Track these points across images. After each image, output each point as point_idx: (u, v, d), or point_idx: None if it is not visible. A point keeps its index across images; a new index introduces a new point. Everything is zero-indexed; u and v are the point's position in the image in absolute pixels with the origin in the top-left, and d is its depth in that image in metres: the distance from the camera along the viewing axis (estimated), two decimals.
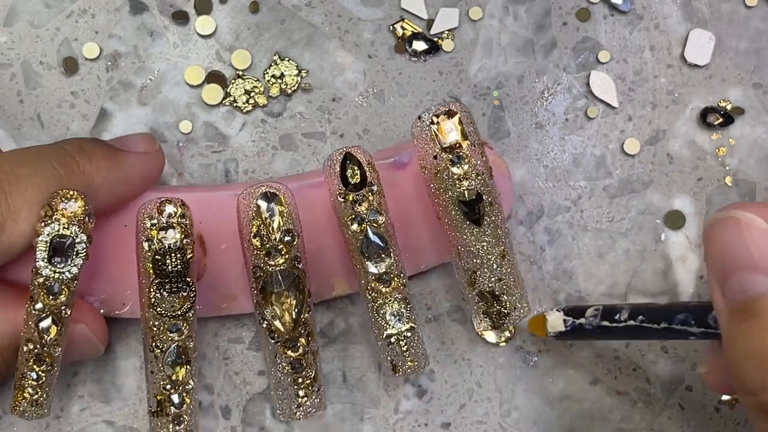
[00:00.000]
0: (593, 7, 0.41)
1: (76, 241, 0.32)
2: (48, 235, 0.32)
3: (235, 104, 0.40)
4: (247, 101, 0.40)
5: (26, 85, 0.40)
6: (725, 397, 0.40)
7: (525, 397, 0.40)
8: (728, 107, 0.41)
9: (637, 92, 0.41)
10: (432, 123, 0.34)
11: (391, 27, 0.41)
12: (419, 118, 0.35)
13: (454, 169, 0.34)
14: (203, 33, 0.40)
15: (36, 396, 0.33)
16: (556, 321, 0.37)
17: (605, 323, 0.34)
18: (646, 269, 0.40)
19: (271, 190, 0.33)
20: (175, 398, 0.34)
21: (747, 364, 0.25)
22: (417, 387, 0.40)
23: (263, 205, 0.33)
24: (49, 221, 0.32)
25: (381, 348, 0.35)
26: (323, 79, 0.40)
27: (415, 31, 0.41)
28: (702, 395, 0.40)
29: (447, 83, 0.41)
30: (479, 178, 0.34)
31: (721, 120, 0.41)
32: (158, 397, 0.34)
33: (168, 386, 0.34)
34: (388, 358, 0.35)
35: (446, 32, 0.41)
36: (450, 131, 0.34)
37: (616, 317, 0.34)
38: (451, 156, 0.34)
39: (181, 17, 0.40)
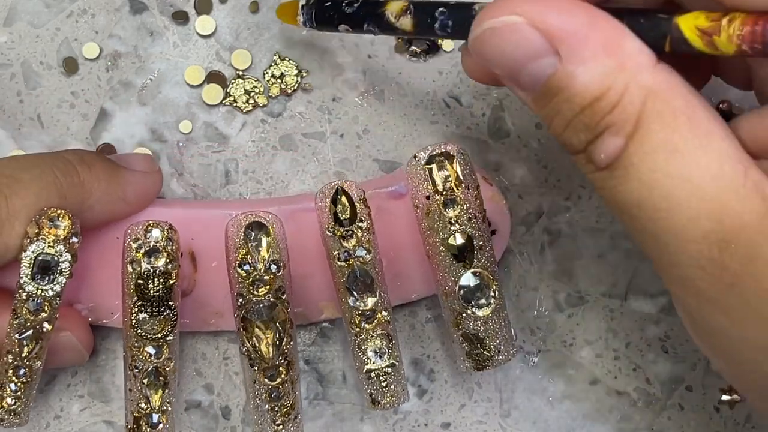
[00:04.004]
0: None
1: (60, 260, 0.32)
2: (33, 252, 0.32)
3: (235, 104, 0.40)
4: (247, 101, 0.40)
5: (26, 85, 0.40)
6: (725, 397, 0.40)
7: (525, 397, 0.40)
8: (728, 107, 0.41)
9: None
10: (427, 163, 0.34)
11: None
12: (414, 156, 0.34)
13: (446, 212, 0.34)
14: (203, 33, 0.40)
15: (14, 406, 0.33)
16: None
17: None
18: (646, 269, 0.40)
19: (259, 220, 0.33)
20: (152, 418, 0.34)
21: (567, 132, 0.28)
22: (417, 387, 0.40)
23: (250, 234, 0.33)
24: (35, 239, 0.32)
25: (361, 380, 0.35)
26: (323, 79, 0.40)
27: None
28: (702, 395, 0.40)
29: (447, 83, 0.41)
30: (471, 222, 0.34)
31: None
32: (134, 415, 0.34)
33: (143, 405, 0.34)
34: (368, 391, 0.35)
35: None
36: (445, 175, 0.34)
37: None
38: (443, 199, 0.34)
39: (181, 17, 0.40)
